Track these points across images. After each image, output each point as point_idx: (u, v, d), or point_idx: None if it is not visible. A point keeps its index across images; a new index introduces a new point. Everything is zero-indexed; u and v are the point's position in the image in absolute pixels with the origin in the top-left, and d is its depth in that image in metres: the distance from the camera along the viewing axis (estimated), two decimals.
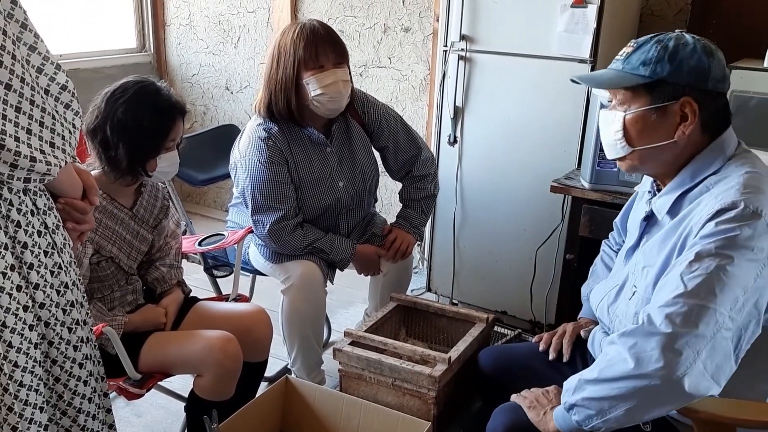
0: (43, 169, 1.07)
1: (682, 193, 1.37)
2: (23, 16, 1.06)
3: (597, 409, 1.27)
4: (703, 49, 1.33)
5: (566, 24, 2.42)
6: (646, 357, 1.21)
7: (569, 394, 1.34)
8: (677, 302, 1.22)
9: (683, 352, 1.19)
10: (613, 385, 1.25)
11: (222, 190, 4.19)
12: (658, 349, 1.20)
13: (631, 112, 1.37)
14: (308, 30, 2.05)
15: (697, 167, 1.36)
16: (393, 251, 2.31)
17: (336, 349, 1.88)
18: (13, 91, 1.02)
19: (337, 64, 2.08)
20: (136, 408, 2.32)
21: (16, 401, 1.13)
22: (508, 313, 2.84)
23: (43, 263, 1.15)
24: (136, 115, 1.70)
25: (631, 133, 1.38)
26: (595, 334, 1.60)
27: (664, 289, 1.27)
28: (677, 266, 1.27)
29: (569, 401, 1.33)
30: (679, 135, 1.34)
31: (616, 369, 1.25)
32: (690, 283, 1.22)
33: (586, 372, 1.33)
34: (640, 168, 1.43)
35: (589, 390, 1.29)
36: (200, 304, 2.00)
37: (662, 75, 1.32)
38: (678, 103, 1.33)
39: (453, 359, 1.79)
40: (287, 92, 2.08)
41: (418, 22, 3.26)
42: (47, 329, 1.18)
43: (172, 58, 4.13)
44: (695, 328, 1.19)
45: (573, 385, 1.34)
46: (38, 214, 1.15)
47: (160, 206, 1.92)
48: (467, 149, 2.79)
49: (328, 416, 1.85)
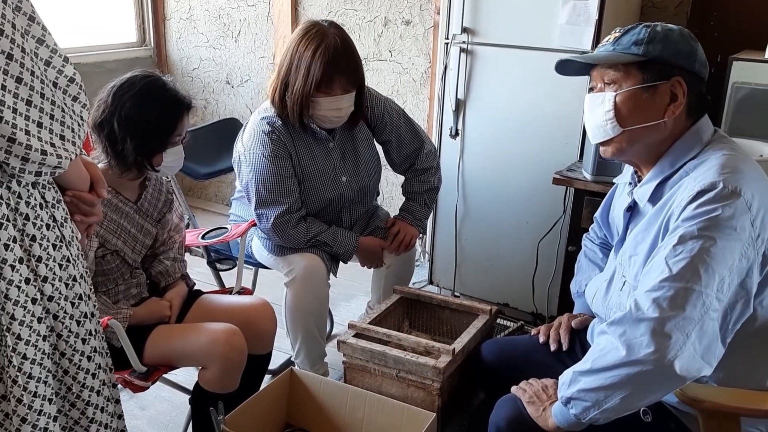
0: (54, 162, 1.08)
1: (662, 180, 1.38)
2: (31, 8, 1.06)
3: (593, 401, 1.28)
4: (689, 36, 1.38)
5: (568, 16, 2.42)
6: (637, 343, 1.22)
7: (565, 387, 1.34)
8: (663, 286, 1.23)
9: (672, 335, 1.20)
10: (606, 374, 1.26)
11: (223, 184, 4.19)
12: (648, 335, 1.21)
13: (623, 91, 1.38)
14: (331, 51, 2.02)
15: (676, 154, 1.38)
16: (396, 243, 2.32)
17: (340, 341, 1.88)
18: (23, 84, 1.03)
19: (347, 90, 2.09)
20: (141, 401, 2.33)
21: (26, 393, 1.13)
22: (510, 306, 2.85)
23: (52, 256, 1.16)
24: (143, 110, 1.70)
25: (623, 112, 1.38)
26: (594, 326, 1.61)
27: (650, 273, 1.28)
28: (662, 250, 1.28)
29: (565, 395, 1.33)
30: (668, 115, 1.36)
31: (608, 358, 1.26)
32: (675, 266, 1.23)
33: (580, 364, 1.33)
34: (626, 151, 1.42)
35: (584, 381, 1.30)
36: (204, 297, 2.01)
37: (655, 54, 1.34)
38: (669, 82, 1.35)
39: (457, 351, 1.80)
40: (301, 105, 2.08)
41: (418, 15, 3.26)
42: (56, 322, 1.18)
43: (173, 52, 4.12)
44: (682, 311, 1.20)
45: (568, 379, 1.34)
46: (47, 207, 1.16)
47: (164, 200, 1.93)
48: (469, 142, 2.80)
49: (333, 408, 1.86)
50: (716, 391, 1.31)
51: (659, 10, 2.78)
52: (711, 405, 1.26)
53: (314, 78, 2.03)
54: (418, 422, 1.71)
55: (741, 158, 1.33)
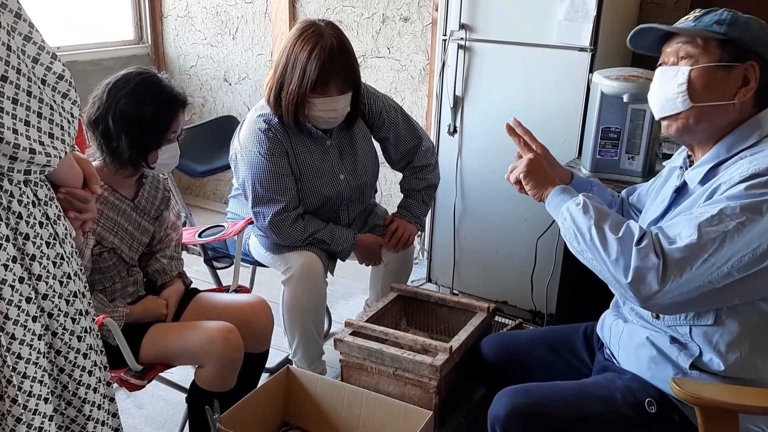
0: (42, 161, 1.07)
1: (716, 165, 1.38)
2: (17, 5, 1.05)
3: (568, 227, 1.39)
4: (764, 26, 1.39)
5: (566, 12, 2.41)
6: (640, 270, 1.27)
7: (574, 205, 1.41)
8: (687, 250, 1.25)
9: (666, 287, 1.25)
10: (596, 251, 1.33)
11: (221, 182, 4.18)
12: (653, 275, 1.26)
13: (699, 66, 1.38)
14: (327, 52, 2.01)
15: (733, 140, 1.38)
16: (394, 241, 2.31)
17: (337, 339, 1.88)
18: (9, 83, 1.02)
19: (342, 91, 2.08)
20: (137, 400, 2.32)
21: (20, 393, 1.13)
22: (508, 303, 2.85)
23: (45, 254, 1.15)
24: (138, 107, 1.69)
25: (696, 86, 1.38)
26: (604, 319, 1.61)
27: (677, 227, 1.30)
28: (699, 212, 1.29)
29: (564, 205, 1.43)
30: (739, 97, 1.36)
31: (612, 242, 1.31)
32: (705, 236, 1.25)
33: (600, 218, 1.36)
34: (692, 129, 1.42)
35: (580, 221, 1.37)
36: (201, 296, 2.00)
37: (735, 35, 1.36)
38: (743, 66, 1.36)
39: (454, 349, 1.79)
40: (296, 105, 2.07)
41: (417, 12, 3.25)
42: (50, 320, 1.17)
43: (170, 49, 4.11)
44: (690, 274, 1.25)
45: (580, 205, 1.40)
46: (39, 205, 1.15)
47: (161, 197, 1.92)
48: (467, 139, 2.79)
49: (330, 406, 1.86)
50: (715, 388, 1.30)
51: (658, 6, 2.77)
52: (710, 402, 1.26)
53: (310, 79, 2.02)
54: (415, 420, 1.70)
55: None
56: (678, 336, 1.40)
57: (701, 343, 1.36)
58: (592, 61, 2.42)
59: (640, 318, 1.49)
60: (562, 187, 1.52)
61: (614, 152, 2.25)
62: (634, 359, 1.48)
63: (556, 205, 1.48)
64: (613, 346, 1.55)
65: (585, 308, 1.85)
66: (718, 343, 1.34)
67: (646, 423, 1.41)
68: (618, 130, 2.23)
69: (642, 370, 1.46)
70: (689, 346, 1.38)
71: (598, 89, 2.22)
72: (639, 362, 1.46)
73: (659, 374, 1.41)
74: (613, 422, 1.40)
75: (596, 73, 2.27)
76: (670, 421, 1.41)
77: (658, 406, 1.40)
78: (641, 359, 1.45)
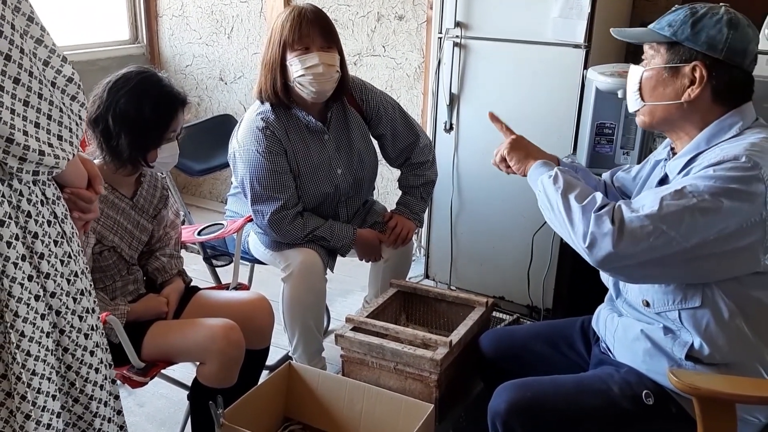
0: (51, 163, 1.08)
1: (695, 156, 1.41)
2: (30, 9, 1.06)
3: (543, 203, 1.47)
4: (728, 22, 1.38)
5: (561, 9, 2.43)
6: (596, 235, 1.32)
7: (546, 177, 1.47)
8: (645, 221, 1.29)
9: (621, 254, 1.30)
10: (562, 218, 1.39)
11: (218, 182, 4.19)
12: (607, 240, 1.30)
13: (649, 69, 1.45)
14: (296, 12, 2.07)
15: (713, 132, 1.40)
16: (394, 237, 2.33)
17: (338, 335, 1.89)
18: (21, 85, 1.03)
19: (323, 47, 2.07)
20: (139, 398, 2.33)
21: (29, 390, 1.14)
22: (505, 299, 2.87)
23: (54, 252, 1.16)
24: (138, 106, 1.70)
25: (645, 87, 1.47)
26: (600, 312, 1.63)
27: (643, 199, 1.35)
28: (664, 188, 1.34)
29: (539, 177, 1.50)
30: (685, 97, 1.40)
31: (573, 217, 1.37)
32: (666, 208, 1.29)
33: (568, 188, 1.42)
34: (653, 125, 1.50)
35: (551, 191, 1.44)
36: (201, 293, 2.01)
37: (680, 37, 1.39)
38: (689, 65, 1.39)
39: (454, 343, 1.81)
40: (273, 72, 2.10)
41: (411, 10, 3.26)
42: (58, 318, 1.19)
43: (165, 49, 4.11)
44: (642, 245, 1.28)
45: (551, 176, 1.46)
46: (48, 204, 1.16)
47: (159, 196, 1.93)
48: (463, 136, 2.80)
49: (332, 401, 1.87)
50: (712, 378, 1.32)
51: (651, 4, 2.79)
52: (707, 392, 1.27)
53: (284, 37, 2.06)
54: (416, 414, 1.72)
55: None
56: (669, 324, 1.42)
57: (691, 327, 1.38)
58: (587, 57, 2.44)
59: (633, 309, 1.51)
60: (542, 162, 1.58)
61: (609, 147, 2.28)
62: (630, 352, 1.50)
63: (535, 178, 1.54)
64: (609, 340, 1.57)
65: (581, 302, 1.87)
66: (708, 326, 1.36)
67: (644, 415, 1.43)
68: (613, 125, 2.25)
69: (638, 363, 1.48)
70: (681, 333, 1.40)
71: (593, 85, 2.24)
72: (635, 355, 1.48)
73: (655, 367, 1.44)
74: (611, 415, 1.42)
75: (591, 69, 2.30)
76: (667, 413, 1.43)
77: (656, 399, 1.42)
78: (636, 352, 1.47)
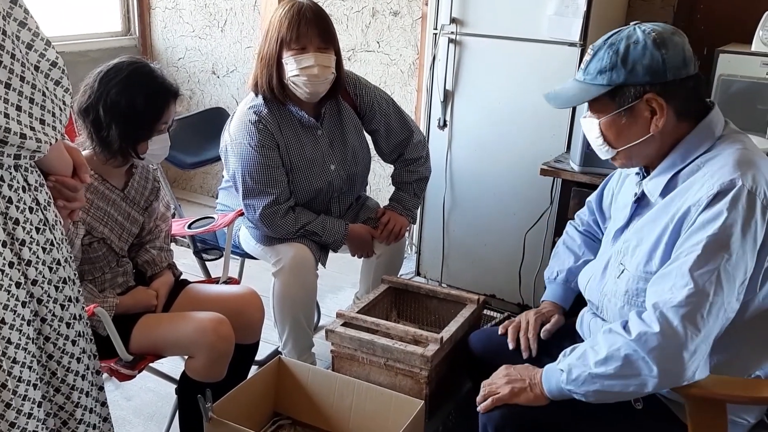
0: (33, 146, 1.07)
1: (674, 174, 1.39)
2: None
3: (594, 396, 1.33)
4: (654, 44, 1.33)
5: (556, 7, 2.43)
6: (670, 360, 1.24)
7: (576, 384, 1.34)
8: (691, 302, 1.24)
9: (698, 351, 1.24)
10: (627, 381, 1.28)
11: (208, 176, 4.16)
12: (681, 354, 1.23)
13: (604, 119, 1.41)
14: (296, 9, 2.05)
15: (686, 149, 1.38)
16: (386, 233, 2.31)
17: (328, 330, 1.88)
18: (2, 68, 1.02)
19: (320, 48, 2.06)
20: (126, 391, 2.31)
21: (10, 378, 1.12)
22: (496, 297, 2.86)
23: (35, 239, 1.14)
24: (129, 97, 1.68)
25: (609, 137, 1.43)
26: (583, 316, 1.62)
27: (670, 279, 1.28)
28: (683, 257, 1.27)
29: (575, 390, 1.34)
30: (653, 129, 1.37)
31: (633, 369, 1.27)
32: (700, 279, 1.24)
33: (597, 366, 1.31)
34: (633, 163, 1.47)
35: (601, 384, 1.31)
36: (191, 287, 1.99)
37: (619, 81, 1.35)
38: (642, 100, 1.35)
39: (445, 339, 1.80)
40: (269, 68, 2.09)
41: (406, 6, 3.25)
42: (40, 306, 1.17)
43: (158, 41, 4.08)
44: (707, 326, 1.24)
45: (581, 377, 1.33)
46: (30, 191, 1.14)
47: (150, 188, 1.91)
48: (457, 133, 2.80)
49: (321, 396, 1.86)
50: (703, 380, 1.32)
51: (646, 3, 2.79)
52: (698, 392, 1.28)
53: (281, 35, 2.04)
54: (406, 410, 1.71)
55: (754, 154, 1.33)
56: None
57: None
58: (582, 56, 2.43)
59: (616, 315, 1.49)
60: (541, 375, 1.44)
61: None
62: None
63: (557, 390, 1.40)
64: None
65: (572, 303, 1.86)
66: None
67: (634, 419, 1.42)
68: None
69: None
70: None
71: None
72: None
73: None
74: (602, 418, 1.41)
75: None
76: (656, 416, 1.42)
77: (645, 402, 1.42)
78: None
